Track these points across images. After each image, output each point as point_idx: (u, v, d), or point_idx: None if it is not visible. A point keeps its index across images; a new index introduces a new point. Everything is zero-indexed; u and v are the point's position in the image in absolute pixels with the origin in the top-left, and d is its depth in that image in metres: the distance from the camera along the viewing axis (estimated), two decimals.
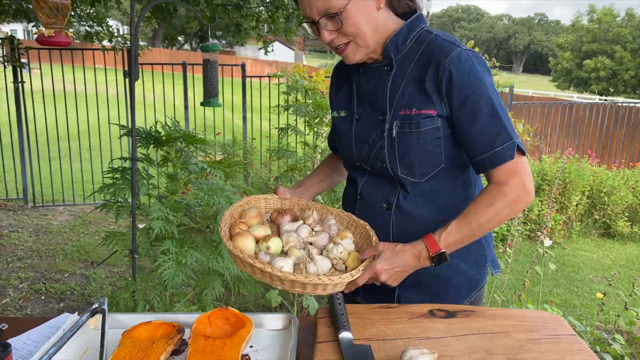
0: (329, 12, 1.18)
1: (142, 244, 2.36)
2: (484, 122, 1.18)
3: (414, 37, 1.25)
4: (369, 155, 1.33)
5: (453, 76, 1.17)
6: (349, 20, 1.19)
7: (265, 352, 0.92)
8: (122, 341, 0.89)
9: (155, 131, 2.34)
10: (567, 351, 0.84)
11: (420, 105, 1.21)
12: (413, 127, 1.23)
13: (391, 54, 1.26)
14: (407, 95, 1.24)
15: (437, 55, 1.19)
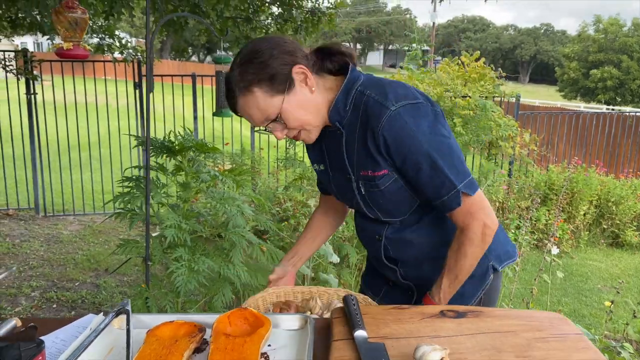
0: (269, 119, 1.22)
1: (155, 251, 2.41)
2: (426, 176, 1.21)
3: (351, 101, 1.26)
4: (350, 204, 1.42)
5: (387, 141, 1.20)
6: (289, 117, 1.22)
7: (283, 350, 0.96)
8: (147, 339, 0.93)
9: (168, 141, 2.40)
10: (573, 349, 0.88)
11: (374, 168, 1.25)
12: (375, 187, 1.28)
13: (336, 123, 1.28)
14: (362, 158, 1.27)
15: (371, 121, 1.21)
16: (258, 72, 1.18)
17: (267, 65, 1.18)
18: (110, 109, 6.86)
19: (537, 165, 7.61)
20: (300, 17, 4.39)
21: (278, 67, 1.19)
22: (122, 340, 1.00)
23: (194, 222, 2.37)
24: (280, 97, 1.20)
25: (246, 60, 1.20)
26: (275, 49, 1.20)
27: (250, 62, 1.19)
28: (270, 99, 1.19)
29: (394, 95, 1.20)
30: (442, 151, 1.20)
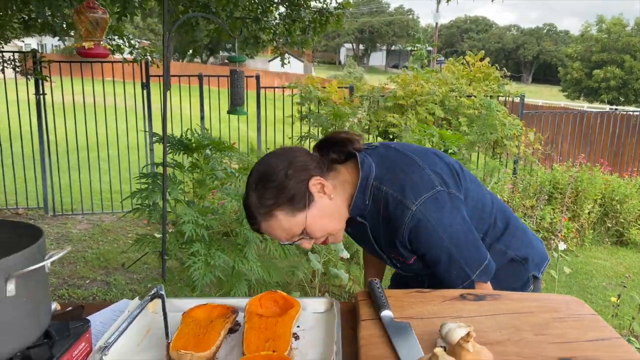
0: (295, 236, 1.22)
1: (172, 246, 2.46)
2: (445, 269, 1.24)
3: (369, 197, 1.25)
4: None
5: (411, 239, 1.22)
6: (315, 230, 1.22)
7: (311, 331, 1.01)
8: (184, 320, 0.99)
9: (185, 138, 2.45)
10: (589, 328, 0.93)
11: (403, 256, 1.29)
12: (410, 267, 1.33)
13: (357, 217, 1.29)
14: (389, 246, 1.29)
15: (393, 220, 1.22)
16: (276, 196, 1.17)
17: (284, 188, 1.17)
18: (118, 110, 6.92)
19: (542, 164, 7.64)
20: (308, 17, 4.44)
21: (295, 186, 1.18)
22: (157, 323, 1.06)
23: (210, 218, 2.42)
24: (303, 214, 1.19)
25: (262, 186, 1.18)
26: (289, 168, 1.19)
27: (266, 188, 1.18)
28: (293, 218, 1.18)
29: (412, 191, 1.21)
30: (459, 243, 1.22)
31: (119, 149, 6.63)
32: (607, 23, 34.89)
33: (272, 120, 6.98)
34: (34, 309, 0.78)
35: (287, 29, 4.53)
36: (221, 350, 0.94)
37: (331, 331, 0.99)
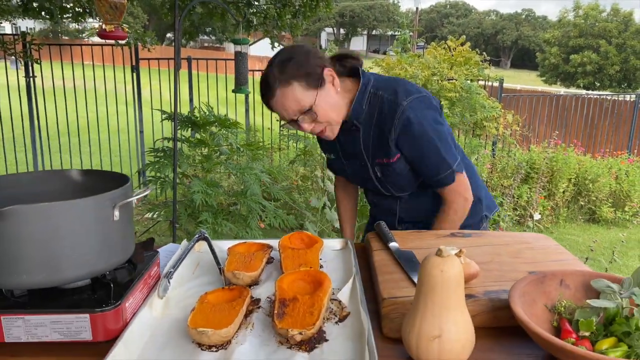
0: (302, 111, 1.40)
1: (182, 215, 2.67)
2: (428, 159, 1.48)
3: (367, 101, 1.48)
4: (365, 185, 1.68)
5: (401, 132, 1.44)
6: (320, 111, 1.41)
7: (332, 262, 1.24)
8: (230, 252, 1.21)
9: (193, 115, 2.65)
10: (552, 253, 1.17)
11: (388, 156, 1.50)
12: (392, 170, 1.53)
13: (354, 121, 1.50)
14: (377, 148, 1.51)
15: (387, 117, 1.45)
16: (296, 69, 1.37)
17: (303, 65, 1.38)
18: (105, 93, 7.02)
19: (520, 145, 7.94)
20: (298, 2, 4.62)
21: (313, 67, 1.39)
22: (204, 258, 1.28)
23: (217, 190, 2.63)
24: (314, 92, 1.39)
25: (285, 60, 1.39)
26: (309, 53, 1.41)
27: (289, 61, 1.38)
28: (306, 92, 1.38)
29: (404, 91, 1.44)
30: (441, 138, 1.46)
31: (109, 132, 6.75)
32: (584, 8, 35.35)
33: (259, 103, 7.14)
34: (127, 234, 0.99)
35: (278, 13, 4.71)
36: (263, 274, 1.17)
37: (348, 261, 1.22)
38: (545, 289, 0.94)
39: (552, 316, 0.92)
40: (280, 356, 0.86)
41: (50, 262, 0.86)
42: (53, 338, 0.88)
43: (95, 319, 0.87)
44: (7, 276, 0.85)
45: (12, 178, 1.04)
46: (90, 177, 1.08)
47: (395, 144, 1.47)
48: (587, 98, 9.45)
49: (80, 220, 0.88)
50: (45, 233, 0.85)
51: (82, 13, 5.07)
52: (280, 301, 0.96)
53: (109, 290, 0.92)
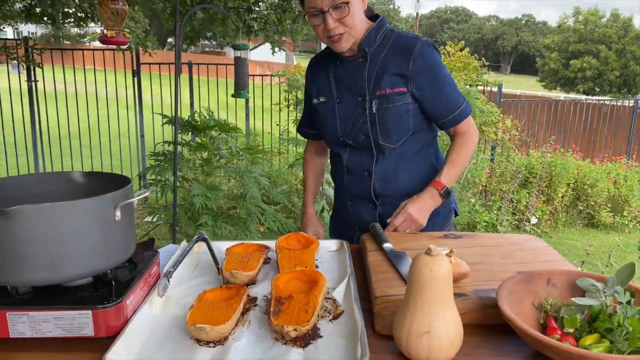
0: (337, 3, 1.45)
1: (182, 218, 2.70)
2: (447, 92, 1.59)
3: (381, 35, 1.58)
4: (352, 129, 1.65)
5: (420, 63, 1.54)
6: (351, 12, 1.47)
7: (327, 263, 1.27)
8: (228, 253, 1.24)
9: (193, 120, 2.68)
10: (542, 254, 1.20)
11: (392, 86, 1.56)
12: (390, 103, 1.57)
13: (365, 49, 1.57)
14: (381, 79, 1.56)
15: (405, 47, 1.55)
16: None
17: None
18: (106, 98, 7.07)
19: (518, 150, 7.98)
20: (298, 8, 4.66)
21: None
22: (203, 259, 1.31)
23: (217, 193, 2.66)
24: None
25: None
26: None
27: None
28: None
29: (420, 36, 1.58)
30: (451, 78, 1.61)
31: (110, 136, 6.78)
32: (584, 14, 35.48)
33: (259, 108, 7.19)
34: (128, 234, 1.03)
35: (278, 19, 4.76)
36: (260, 273, 1.20)
37: (344, 262, 1.26)
38: (532, 288, 0.97)
39: (539, 314, 0.95)
40: (276, 352, 0.89)
41: (53, 261, 0.89)
42: (56, 334, 0.91)
43: (97, 315, 0.90)
44: (12, 274, 0.88)
45: (15, 180, 1.08)
46: (91, 178, 1.11)
47: (407, 76, 1.55)
48: (585, 103, 9.49)
49: (83, 220, 0.91)
50: (49, 232, 0.88)
51: (84, 18, 5.11)
52: (276, 299, 0.99)
53: (111, 288, 0.95)
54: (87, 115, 6.65)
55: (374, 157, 1.65)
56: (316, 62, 1.77)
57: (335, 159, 1.79)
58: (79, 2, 4.73)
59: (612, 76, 32.62)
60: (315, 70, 1.76)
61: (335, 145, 1.74)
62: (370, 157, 1.66)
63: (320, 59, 1.74)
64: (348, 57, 1.62)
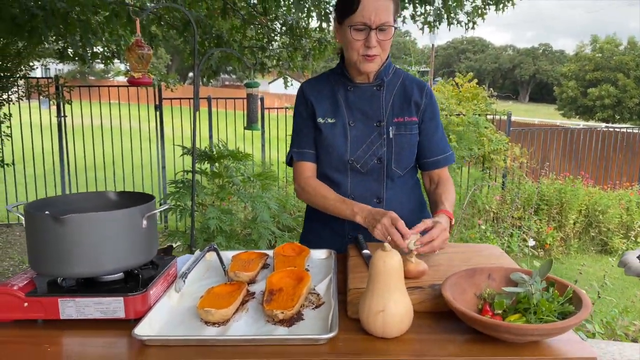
0: (385, 25, 1.55)
1: (198, 239, 2.96)
2: (440, 134, 1.76)
3: (392, 70, 1.74)
4: (365, 153, 1.68)
5: (430, 98, 1.73)
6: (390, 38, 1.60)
7: (317, 268, 1.51)
8: (234, 260, 1.49)
9: (209, 150, 2.97)
10: (495, 258, 1.42)
11: (409, 115, 1.70)
12: (407, 130, 1.69)
13: (383, 78, 1.70)
14: (397, 108, 1.70)
15: (418, 83, 1.73)
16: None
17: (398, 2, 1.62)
18: (129, 131, 7.47)
19: (529, 177, 8.12)
20: (308, 46, 5.01)
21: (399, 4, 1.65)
22: (213, 265, 1.56)
23: (231, 217, 2.92)
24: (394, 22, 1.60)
25: None
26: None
27: None
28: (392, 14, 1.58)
29: None
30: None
31: (133, 167, 7.15)
32: (601, 42, 35.60)
33: (275, 139, 7.51)
34: (152, 239, 1.28)
35: (290, 56, 5.10)
36: (259, 275, 1.45)
37: (329, 266, 1.49)
38: (475, 281, 1.20)
39: (479, 302, 1.17)
40: (267, 329, 1.13)
41: (95, 258, 1.15)
42: (96, 316, 1.17)
43: (128, 301, 1.15)
44: (64, 267, 1.14)
45: (63, 198, 1.35)
46: (122, 196, 1.38)
47: (419, 106, 1.71)
48: (601, 131, 9.60)
49: (118, 227, 1.17)
50: (92, 236, 1.14)
51: (111, 57, 5.52)
52: (269, 291, 1.23)
53: (138, 280, 1.21)
54: (112, 148, 7.02)
55: (383, 183, 1.70)
56: (314, 85, 1.78)
57: (331, 187, 1.72)
58: (106, 42, 5.14)
59: (631, 103, 32.47)
60: (318, 93, 1.75)
61: (336, 168, 1.72)
62: (378, 184, 1.70)
63: (320, 83, 1.77)
64: (361, 84, 1.70)
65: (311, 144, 1.77)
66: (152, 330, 1.12)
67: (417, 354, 1.05)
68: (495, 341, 1.06)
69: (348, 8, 1.56)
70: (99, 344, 1.10)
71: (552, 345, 1.05)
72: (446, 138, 1.78)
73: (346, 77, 1.72)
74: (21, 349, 1.08)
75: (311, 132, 1.75)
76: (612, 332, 3.66)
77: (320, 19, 3.38)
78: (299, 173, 1.79)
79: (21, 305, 1.15)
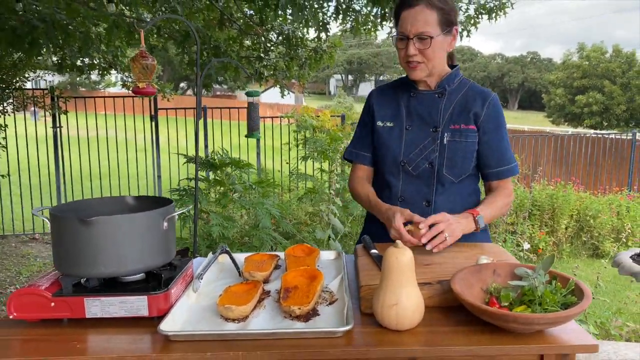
0: (423, 35, 1.61)
1: (201, 246, 3.01)
2: (504, 145, 1.75)
3: (458, 80, 1.77)
4: (417, 156, 1.73)
5: (493, 109, 1.73)
6: (433, 47, 1.63)
7: (326, 268, 1.57)
8: (247, 261, 1.54)
9: (212, 158, 3.02)
10: (497, 255, 1.50)
11: (467, 123, 1.71)
12: (462, 138, 1.71)
13: (445, 86, 1.74)
14: (455, 116, 1.72)
15: (481, 94, 1.74)
16: (442, 6, 1.63)
17: (448, 4, 1.64)
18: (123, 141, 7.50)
19: (521, 184, 8.23)
20: (304, 55, 5.09)
21: (452, 14, 1.66)
22: (225, 268, 1.62)
23: (232, 224, 2.97)
24: (440, 30, 1.63)
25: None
26: (454, 5, 1.68)
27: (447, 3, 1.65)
28: (436, 25, 1.62)
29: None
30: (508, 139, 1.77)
31: (129, 177, 7.17)
32: (588, 50, 36.08)
33: (270, 147, 7.57)
34: (171, 241, 1.34)
35: (286, 65, 5.18)
36: (272, 275, 1.50)
37: (339, 266, 1.55)
38: (481, 277, 1.26)
39: (485, 296, 1.24)
40: (285, 324, 1.19)
41: (119, 258, 1.21)
42: (120, 314, 1.22)
43: (151, 299, 1.21)
44: (91, 268, 1.19)
45: (85, 202, 1.40)
46: (140, 200, 1.44)
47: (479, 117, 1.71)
48: (590, 137, 9.74)
49: (141, 228, 1.23)
50: (117, 237, 1.20)
51: (107, 67, 5.58)
52: (285, 289, 1.29)
53: (160, 280, 1.26)
54: (108, 158, 7.05)
55: (433, 187, 1.73)
56: (382, 91, 1.89)
57: (384, 189, 1.82)
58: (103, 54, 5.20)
59: (618, 110, 32.89)
60: (382, 98, 1.85)
61: (390, 170, 1.79)
62: (428, 187, 1.74)
63: (387, 90, 1.87)
64: (424, 91, 1.77)
65: (367, 147, 1.88)
66: (176, 327, 1.17)
67: (429, 344, 1.11)
68: (502, 332, 1.12)
69: (395, 21, 1.70)
70: (124, 341, 1.15)
71: (556, 334, 1.12)
72: (511, 150, 1.77)
73: (411, 84, 1.80)
74: (51, 346, 1.13)
75: (369, 136, 1.86)
76: (606, 332, 3.74)
77: (318, 29, 3.46)
78: (352, 172, 1.96)
79: (48, 305, 1.20)
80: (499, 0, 4.18)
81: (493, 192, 1.78)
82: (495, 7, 4.16)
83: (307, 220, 4.66)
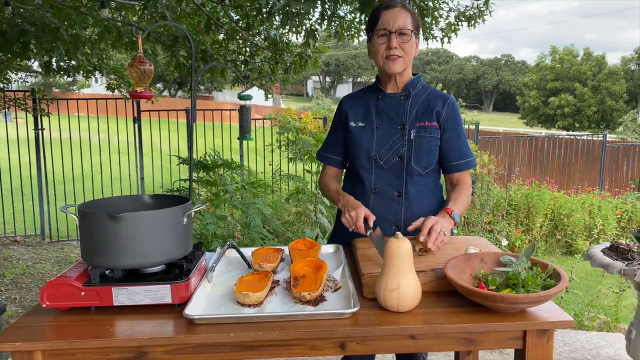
0: (403, 30, 1.83)
1: None
2: (461, 142, 1.95)
3: (420, 85, 1.97)
4: (388, 151, 1.91)
5: (452, 109, 1.93)
6: (411, 42, 1.86)
7: (328, 260, 1.70)
8: (254, 254, 1.67)
9: (205, 160, 3.13)
10: (482, 246, 1.65)
11: (430, 120, 1.91)
12: (427, 133, 1.90)
13: (410, 89, 1.94)
14: (420, 114, 1.92)
15: (442, 96, 1.95)
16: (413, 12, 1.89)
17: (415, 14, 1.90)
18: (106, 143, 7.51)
19: (497, 184, 8.47)
20: (289, 60, 5.22)
21: (419, 23, 1.92)
22: (234, 261, 1.74)
23: (225, 222, 3.08)
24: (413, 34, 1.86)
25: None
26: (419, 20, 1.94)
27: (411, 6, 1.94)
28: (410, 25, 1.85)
29: None
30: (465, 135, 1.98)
31: (112, 179, 7.19)
32: (560, 53, 36.89)
33: (253, 149, 7.67)
34: (189, 236, 1.45)
35: (272, 70, 5.30)
36: (278, 267, 1.63)
37: (339, 258, 1.69)
38: (470, 264, 1.41)
39: (474, 281, 1.38)
40: (297, 308, 1.32)
41: (144, 251, 1.32)
42: (145, 302, 1.33)
43: (174, 288, 1.32)
44: (118, 259, 1.31)
45: (105, 200, 1.51)
46: (157, 198, 1.55)
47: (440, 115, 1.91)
48: (563, 139, 10.04)
49: (163, 223, 1.35)
50: (143, 231, 1.31)
51: (92, 70, 5.62)
52: (294, 277, 1.42)
53: (181, 270, 1.38)
54: (91, 161, 7.06)
55: (403, 179, 1.90)
56: (352, 97, 2.08)
57: (357, 183, 1.99)
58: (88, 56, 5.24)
59: (589, 112, 33.69)
60: (354, 102, 2.04)
61: (363, 165, 1.95)
62: (399, 179, 1.91)
63: (357, 95, 2.06)
64: (391, 94, 1.96)
65: (337, 151, 2.08)
66: (199, 311, 1.29)
67: (427, 323, 1.25)
68: (490, 311, 1.28)
69: (373, 22, 1.89)
70: (151, 324, 1.27)
71: (537, 313, 1.28)
72: (468, 146, 1.96)
73: (379, 88, 1.99)
74: (85, 331, 1.24)
75: (340, 141, 2.06)
76: (579, 323, 3.95)
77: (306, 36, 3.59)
78: (323, 171, 2.15)
79: (78, 294, 1.31)
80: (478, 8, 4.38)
81: (455, 187, 1.95)
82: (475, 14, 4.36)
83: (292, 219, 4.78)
